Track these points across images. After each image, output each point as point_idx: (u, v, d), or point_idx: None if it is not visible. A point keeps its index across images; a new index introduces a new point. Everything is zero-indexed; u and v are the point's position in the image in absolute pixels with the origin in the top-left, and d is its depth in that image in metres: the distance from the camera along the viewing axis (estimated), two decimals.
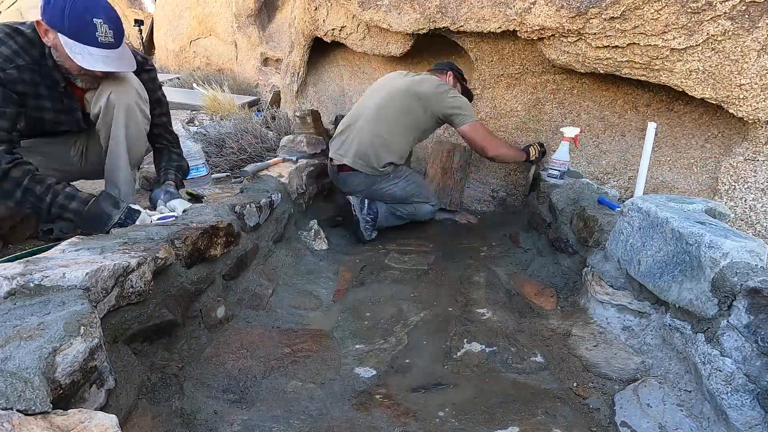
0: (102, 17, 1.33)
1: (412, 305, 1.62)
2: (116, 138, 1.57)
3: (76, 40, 1.30)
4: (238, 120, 3.40)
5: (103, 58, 1.35)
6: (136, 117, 1.59)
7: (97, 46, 1.33)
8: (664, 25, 1.81)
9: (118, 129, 1.56)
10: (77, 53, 1.31)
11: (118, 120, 1.55)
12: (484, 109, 2.69)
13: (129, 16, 9.01)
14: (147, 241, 1.17)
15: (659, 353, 1.20)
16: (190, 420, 1.01)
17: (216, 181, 2.42)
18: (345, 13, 2.97)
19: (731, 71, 1.76)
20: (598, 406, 1.12)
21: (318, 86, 3.78)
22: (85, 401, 0.77)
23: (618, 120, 2.32)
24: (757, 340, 0.86)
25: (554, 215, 2.02)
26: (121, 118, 1.55)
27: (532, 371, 1.28)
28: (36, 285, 0.85)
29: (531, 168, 2.53)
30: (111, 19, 1.36)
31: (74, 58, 1.31)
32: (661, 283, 1.18)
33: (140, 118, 1.61)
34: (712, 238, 1.02)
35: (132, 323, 1.01)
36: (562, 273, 1.78)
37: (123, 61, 1.43)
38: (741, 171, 1.94)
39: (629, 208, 1.40)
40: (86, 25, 1.31)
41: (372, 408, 1.12)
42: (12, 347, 0.68)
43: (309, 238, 2.09)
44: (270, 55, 5.96)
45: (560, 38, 2.08)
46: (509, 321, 1.51)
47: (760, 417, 0.85)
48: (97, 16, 1.32)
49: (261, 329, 1.40)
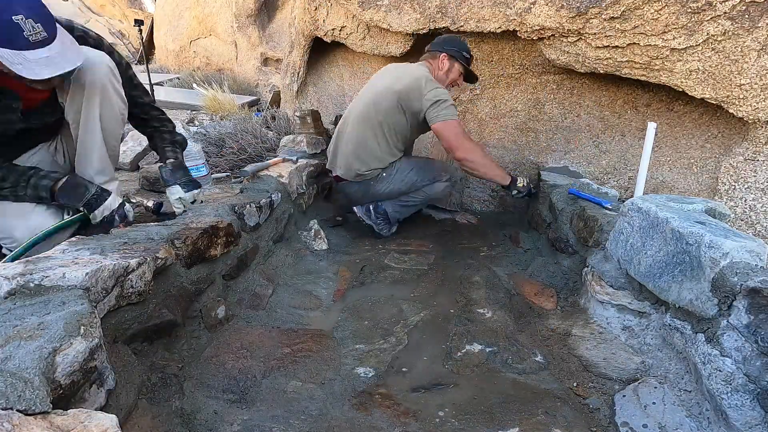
0: (22, 12, 1.11)
1: (412, 305, 1.62)
2: (89, 120, 1.42)
3: (5, 47, 1.10)
4: (238, 120, 3.40)
5: (45, 61, 1.15)
6: (111, 98, 1.43)
7: (30, 48, 1.12)
8: (664, 25, 1.81)
9: (92, 110, 1.40)
10: (15, 63, 1.11)
11: (91, 100, 1.39)
12: (484, 109, 2.69)
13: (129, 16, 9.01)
14: (147, 241, 1.17)
15: (659, 353, 1.20)
16: (190, 420, 1.01)
17: (216, 181, 2.42)
18: (345, 13, 2.97)
19: (731, 71, 1.76)
20: (598, 406, 1.12)
21: (318, 86, 3.78)
22: (85, 401, 0.77)
23: (618, 120, 2.32)
24: (757, 340, 0.86)
25: (554, 215, 2.02)
26: (96, 99, 1.40)
27: (532, 371, 1.28)
28: (36, 285, 0.85)
29: None
30: (32, 10, 1.13)
31: (14, 68, 1.11)
32: (661, 283, 1.18)
33: (115, 99, 1.45)
34: (712, 238, 1.02)
35: (132, 323, 1.02)
36: (562, 273, 1.78)
37: (67, 55, 1.21)
38: (741, 171, 1.94)
39: (629, 208, 1.40)
40: (8, 28, 1.09)
41: (372, 408, 1.12)
42: (12, 347, 0.68)
43: (309, 238, 2.09)
44: (270, 55, 5.96)
45: (560, 38, 2.08)
46: (509, 321, 1.51)
47: (760, 417, 0.85)
48: (15, 13, 1.10)
49: (261, 329, 1.40)
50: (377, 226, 2.25)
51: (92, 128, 1.44)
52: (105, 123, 1.45)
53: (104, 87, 1.40)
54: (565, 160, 2.51)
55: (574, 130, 2.45)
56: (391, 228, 2.31)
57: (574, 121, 2.44)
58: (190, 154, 2.17)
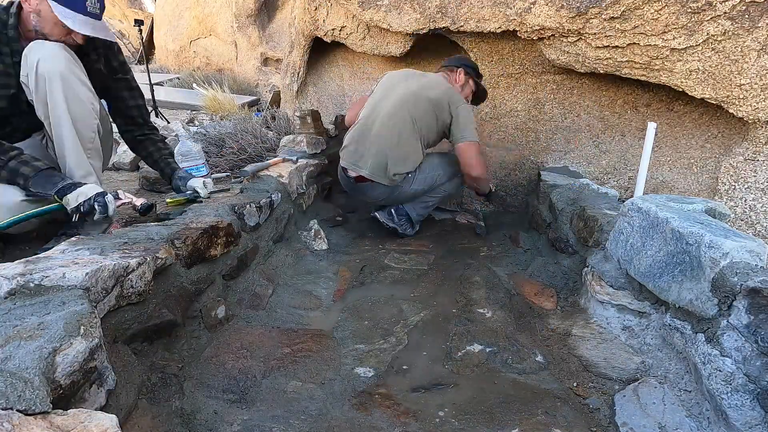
0: None
1: (412, 305, 1.62)
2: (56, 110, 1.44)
3: (65, 6, 1.39)
4: (238, 120, 3.40)
5: (91, 24, 1.44)
6: (73, 86, 1.45)
7: (84, 13, 1.43)
8: (664, 25, 1.81)
9: (57, 101, 1.43)
10: (66, 17, 1.38)
11: (54, 91, 1.41)
12: (484, 109, 2.69)
13: (129, 16, 9.02)
14: (147, 241, 1.17)
15: (659, 353, 1.20)
16: (190, 420, 1.01)
17: (216, 181, 2.42)
18: (345, 13, 2.97)
19: (731, 71, 1.76)
20: (598, 406, 1.12)
21: (318, 86, 3.78)
22: (85, 401, 0.77)
23: (618, 120, 2.32)
24: (757, 340, 0.86)
25: (554, 215, 2.02)
26: (58, 87, 1.41)
27: (532, 371, 1.28)
28: (36, 285, 0.85)
29: None
30: None
31: (64, 20, 1.38)
32: (661, 283, 1.18)
33: (79, 86, 1.47)
34: (712, 238, 1.02)
35: (132, 323, 1.01)
36: (562, 273, 1.78)
37: (107, 32, 1.51)
38: (741, 171, 1.94)
39: (629, 208, 1.40)
40: None
41: (372, 408, 1.12)
42: (12, 347, 0.68)
43: (309, 238, 2.09)
44: (270, 55, 5.96)
45: (560, 38, 2.08)
46: (509, 321, 1.51)
47: (760, 417, 0.85)
48: None
49: (261, 329, 1.40)
50: (401, 228, 2.27)
51: (60, 118, 1.45)
52: (73, 112, 1.46)
53: (63, 75, 1.42)
54: (565, 160, 2.51)
55: (574, 130, 2.46)
56: (414, 227, 2.35)
57: (574, 121, 2.44)
58: (190, 154, 2.17)
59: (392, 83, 2.23)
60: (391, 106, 2.14)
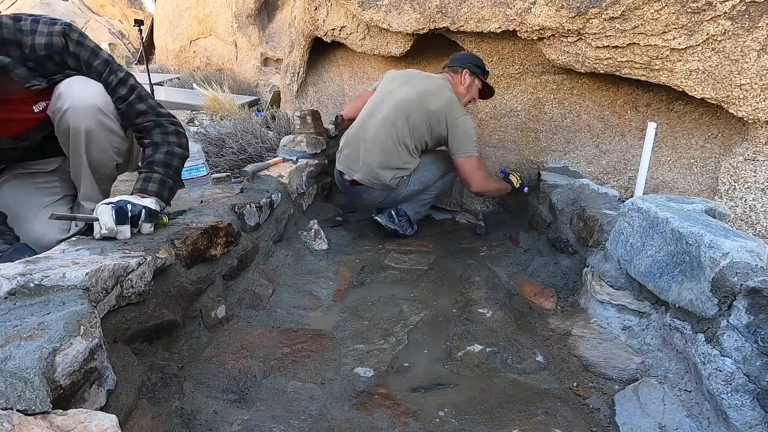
0: None
1: (412, 305, 1.62)
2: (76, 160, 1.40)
3: None
4: (238, 120, 3.41)
5: None
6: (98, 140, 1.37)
7: None
8: (664, 25, 1.81)
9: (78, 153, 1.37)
10: None
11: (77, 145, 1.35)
12: (484, 109, 2.69)
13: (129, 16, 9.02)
14: (147, 241, 1.17)
15: (659, 353, 1.20)
16: (190, 420, 1.01)
17: (216, 181, 2.42)
18: (345, 13, 2.97)
19: (731, 71, 1.76)
20: (598, 406, 1.12)
21: (318, 86, 3.78)
22: (85, 401, 0.77)
23: (618, 120, 2.32)
24: (757, 340, 0.86)
25: (554, 215, 2.02)
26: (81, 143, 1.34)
27: (532, 371, 1.28)
28: (36, 285, 0.85)
29: None
30: None
31: None
32: (661, 283, 1.18)
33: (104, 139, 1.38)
34: (712, 238, 1.02)
35: (132, 323, 1.01)
36: (562, 273, 1.78)
37: None
38: (741, 171, 1.94)
39: (629, 208, 1.40)
40: None
41: (372, 408, 1.12)
42: (12, 347, 0.68)
43: (309, 238, 2.09)
44: (270, 55, 5.96)
45: (560, 38, 2.08)
46: (509, 321, 1.51)
47: (760, 417, 0.85)
48: None
49: (261, 329, 1.40)
50: (402, 229, 2.28)
51: (79, 166, 1.40)
52: (92, 160, 1.40)
53: (89, 130, 1.32)
54: (565, 160, 2.51)
55: (574, 130, 2.46)
56: (413, 227, 2.36)
57: (574, 121, 2.44)
58: (190, 154, 2.17)
59: (392, 87, 2.21)
60: (387, 111, 2.12)
